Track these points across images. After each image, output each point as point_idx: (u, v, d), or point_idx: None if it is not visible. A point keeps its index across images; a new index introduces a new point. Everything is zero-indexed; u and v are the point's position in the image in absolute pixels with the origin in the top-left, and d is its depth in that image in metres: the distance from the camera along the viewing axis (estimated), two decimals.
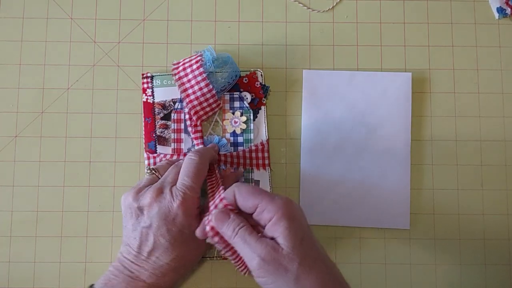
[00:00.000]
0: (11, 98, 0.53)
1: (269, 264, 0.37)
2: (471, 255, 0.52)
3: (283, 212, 0.38)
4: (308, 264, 0.37)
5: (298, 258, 0.37)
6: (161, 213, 0.43)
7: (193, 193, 0.43)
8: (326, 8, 0.55)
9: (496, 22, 0.55)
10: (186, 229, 0.43)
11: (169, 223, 0.43)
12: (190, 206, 0.43)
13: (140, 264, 0.43)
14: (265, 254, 0.37)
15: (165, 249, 0.43)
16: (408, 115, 0.53)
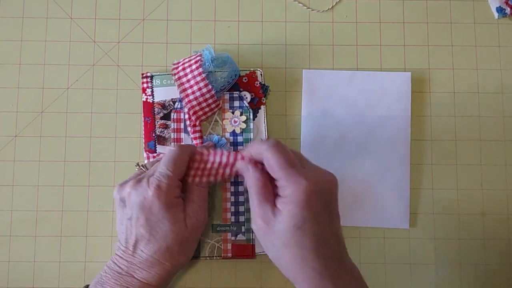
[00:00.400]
0: (11, 98, 0.53)
1: (259, 228, 0.40)
2: (471, 255, 0.52)
3: (296, 199, 0.38)
4: (293, 249, 0.38)
5: (285, 240, 0.38)
6: (138, 202, 0.42)
7: (168, 181, 0.42)
8: (325, 7, 0.55)
9: (496, 21, 0.55)
10: (166, 220, 0.42)
11: (147, 212, 0.42)
12: (166, 194, 0.42)
13: (127, 258, 0.43)
14: (259, 221, 0.39)
15: (147, 240, 0.42)
16: (407, 114, 0.53)
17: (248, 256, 0.51)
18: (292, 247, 0.38)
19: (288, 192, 0.38)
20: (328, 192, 0.39)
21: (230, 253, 0.50)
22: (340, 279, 0.38)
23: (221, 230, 0.51)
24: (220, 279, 0.51)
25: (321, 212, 0.38)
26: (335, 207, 0.40)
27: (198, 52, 0.51)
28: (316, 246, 0.38)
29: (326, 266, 0.38)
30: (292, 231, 0.38)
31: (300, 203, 0.37)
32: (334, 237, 0.39)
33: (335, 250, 0.39)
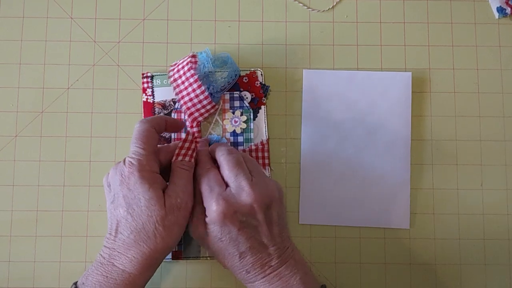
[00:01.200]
0: (11, 97, 0.53)
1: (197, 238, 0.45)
2: (471, 255, 0.52)
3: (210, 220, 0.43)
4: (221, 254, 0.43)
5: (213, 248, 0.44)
6: (117, 181, 0.42)
7: (140, 156, 0.43)
8: (326, 7, 0.55)
9: (496, 21, 0.55)
10: (141, 196, 0.41)
11: (124, 189, 0.42)
12: (140, 169, 0.42)
13: (109, 245, 0.42)
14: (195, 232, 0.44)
15: (125, 221, 0.42)
16: (408, 114, 0.53)
17: None
18: (220, 253, 0.44)
19: (207, 213, 0.43)
20: (246, 212, 0.43)
21: None
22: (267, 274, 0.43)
23: None
24: (220, 279, 0.51)
25: (240, 228, 0.42)
26: (261, 220, 0.43)
27: (194, 53, 0.51)
28: (239, 252, 0.43)
29: (252, 267, 0.43)
30: (216, 242, 0.43)
31: (216, 223, 0.42)
32: (261, 245, 0.43)
33: (263, 255, 0.43)
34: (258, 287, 0.43)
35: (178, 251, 0.50)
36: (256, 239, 0.43)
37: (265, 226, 0.43)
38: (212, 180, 0.44)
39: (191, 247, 0.51)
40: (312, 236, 0.52)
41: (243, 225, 0.43)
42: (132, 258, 0.41)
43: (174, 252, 0.50)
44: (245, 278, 0.44)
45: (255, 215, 0.43)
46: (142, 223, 0.41)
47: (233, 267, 0.44)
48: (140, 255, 0.41)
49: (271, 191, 0.44)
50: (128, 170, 0.42)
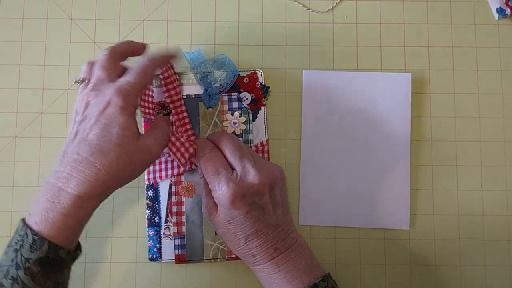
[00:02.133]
0: (11, 98, 0.53)
1: (206, 215, 0.46)
2: (471, 255, 0.52)
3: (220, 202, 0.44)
4: (228, 236, 0.44)
5: (221, 229, 0.45)
6: (94, 103, 0.41)
7: (131, 88, 0.42)
8: (325, 8, 0.55)
9: (496, 22, 0.55)
10: (116, 124, 0.40)
11: (100, 114, 0.40)
12: (125, 99, 0.41)
13: (62, 168, 0.40)
14: (205, 210, 0.46)
15: (88, 143, 0.40)
16: (407, 115, 0.53)
17: None
18: (227, 235, 0.44)
19: (216, 196, 0.44)
20: (255, 192, 0.43)
21: (234, 254, 0.50)
22: (273, 258, 0.44)
23: None
24: (221, 280, 0.51)
25: (248, 210, 0.43)
26: (268, 202, 0.44)
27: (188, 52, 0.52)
28: (246, 235, 0.43)
29: (258, 250, 0.44)
30: (224, 224, 0.44)
31: (225, 205, 0.43)
32: (269, 228, 0.44)
33: (270, 237, 0.44)
34: (265, 270, 0.44)
35: (181, 255, 0.50)
36: (263, 222, 0.43)
37: (270, 207, 0.44)
38: (218, 162, 0.45)
39: (194, 250, 0.51)
40: (312, 237, 0.52)
41: (251, 207, 0.43)
42: (85, 180, 0.39)
43: (177, 255, 0.50)
44: (251, 262, 0.44)
45: (262, 196, 0.44)
46: (108, 149, 0.39)
47: (239, 250, 0.44)
48: (95, 178, 0.39)
49: (274, 171, 0.45)
50: (111, 97, 0.41)
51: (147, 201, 0.51)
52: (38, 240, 0.38)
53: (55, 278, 0.39)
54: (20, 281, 0.38)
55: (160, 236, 0.51)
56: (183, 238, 0.51)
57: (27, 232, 0.38)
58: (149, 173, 0.51)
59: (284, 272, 0.43)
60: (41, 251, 0.38)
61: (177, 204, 0.51)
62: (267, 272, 0.44)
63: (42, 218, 0.39)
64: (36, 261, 0.38)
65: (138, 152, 0.41)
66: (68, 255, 0.40)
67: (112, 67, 0.44)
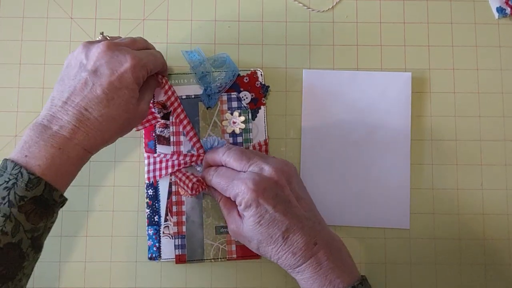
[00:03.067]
0: (11, 98, 0.53)
1: (236, 235, 0.46)
2: (471, 255, 0.52)
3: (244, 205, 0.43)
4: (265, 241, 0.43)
5: (256, 236, 0.43)
6: (109, 62, 0.42)
7: (146, 62, 0.44)
8: (326, 8, 0.55)
9: (496, 22, 0.55)
10: (127, 91, 0.42)
11: (114, 75, 0.41)
12: (140, 69, 0.43)
13: (62, 115, 0.40)
14: (233, 228, 0.45)
15: (98, 102, 0.41)
16: (408, 114, 0.53)
17: (253, 256, 0.51)
18: (263, 240, 0.43)
19: (239, 200, 0.43)
20: (275, 185, 0.43)
21: (235, 254, 0.50)
22: (314, 254, 0.42)
23: (224, 232, 0.51)
24: (221, 280, 0.51)
25: (274, 204, 0.42)
26: (291, 194, 0.44)
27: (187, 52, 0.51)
28: (281, 232, 0.42)
29: (297, 246, 0.42)
30: (255, 227, 0.43)
31: (250, 205, 0.42)
32: (299, 220, 0.43)
33: (305, 230, 0.43)
34: (307, 270, 0.42)
35: (182, 255, 0.50)
36: (292, 214, 0.43)
37: (294, 199, 0.44)
38: (227, 173, 0.45)
39: (195, 250, 0.50)
40: None
41: (277, 201, 0.42)
42: (91, 138, 0.41)
43: (178, 255, 0.50)
44: (293, 263, 0.43)
45: (282, 188, 0.43)
46: (116, 114, 0.42)
47: (280, 253, 0.43)
48: (100, 138, 0.42)
49: (286, 165, 0.45)
50: (130, 64, 0.42)
51: (147, 200, 0.51)
52: (35, 179, 0.38)
53: (46, 220, 0.40)
54: (13, 218, 0.38)
55: (160, 235, 0.51)
56: (184, 238, 0.51)
57: (22, 172, 0.38)
58: (149, 172, 0.51)
59: (326, 270, 0.42)
60: (37, 190, 0.38)
61: (177, 203, 0.51)
62: (310, 271, 0.42)
63: (47, 162, 0.39)
64: (31, 199, 0.38)
65: (137, 118, 0.45)
66: (60, 198, 0.40)
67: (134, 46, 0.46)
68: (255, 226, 0.43)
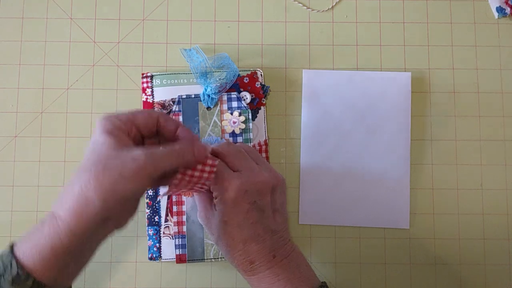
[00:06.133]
0: (11, 98, 0.53)
1: (204, 223, 0.46)
2: (471, 254, 0.52)
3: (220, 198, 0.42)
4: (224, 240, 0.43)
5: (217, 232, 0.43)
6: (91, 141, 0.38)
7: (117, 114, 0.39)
8: (325, 8, 0.55)
9: (496, 21, 0.55)
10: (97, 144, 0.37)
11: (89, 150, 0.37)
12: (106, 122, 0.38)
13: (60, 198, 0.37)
14: (202, 216, 0.45)
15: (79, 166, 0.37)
16: (407, 114, 0.53)
17: None
18: (223, 239, 0.43)
19: (216, 194, 0.43)
20: (256, 191, 0.43)
21: None
22: (272, 266, 0.42)
23: None
24: (220, 280, 0.51)
25: (248, 210, 0.42)
26: (268, 205, 0.43)
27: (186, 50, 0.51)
28: (244, 238, 0.42)
29: (257, 256, 0.42)
30: (221, 224, 0.43)
31: (226, 202, 0.42)
32: (267, 233, 0.43)
33: (268, 244, 0.42)
34: (264, 280, 0.42)
35: (182, 255, 0.50)
36: (262, 224, 0.42)
37: (270, 211, 0.43)
38: (220, 166, 0.43)
39: (195, 250, 0.50)
40: (312, 236, 0.52)
41: (251, 207, 0.42)
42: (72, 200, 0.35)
43: (178, 255, 0.50)
44: (249, 270, 0.43)
45: (263, 196, 0.43)
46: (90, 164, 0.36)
47: (236, 256, 0.43)
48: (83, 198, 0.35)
49: (278, 176, 0.45)
50: (96, 124, 0.38)
51: (147, 200, 0.51)
52: (23, 276, 0.35)
53: None
54: None
55: (160, 236, 0.51)
56: (184, 237, 0.51)
57: (12, 263, 0.35)
58: None
59: (284, 281, 0.42)
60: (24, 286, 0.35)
61: (177, 203, 0.51)
62: (267, 282, 0.42)
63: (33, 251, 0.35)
64: None
65: (115, 160, 0.36)
66: None
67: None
68: (221, 223, 0.42)
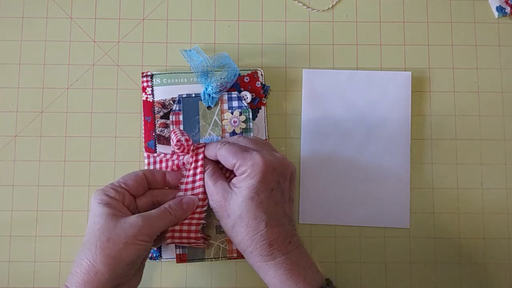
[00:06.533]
0: (11, 98, 0.53)
1: (217, 206, 0.44)
2: (471, 254, 0.52)
3: (249, 173, 0.42)
4: (246, 220, 0.42)
5: (239, 212, 0.42)
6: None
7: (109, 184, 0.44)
8: (325, 7, 0.55)
9: (496, 21, 0.55)
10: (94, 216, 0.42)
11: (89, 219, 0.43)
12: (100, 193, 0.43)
13: None
14: (216, 196, 0.44)
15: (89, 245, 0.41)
16: (407, 114, 0.53)
17: None
18: (245, 218, 0.42)
19: (244, 169, 0.42)
20: (281, 172, 0.43)
21: (235, 253, 0.50)
22: (289, 251, 0.42)
23: None
24: (221, 279, 0.51)
25: (273, 188, 0.42)
26: (287, 190, 0.44)
27: (186, 51, 0.51)
28: (266, 218, 0.42)
29: (276, 238, 0.42)
30: (246, 202, 0.42)
31: (255, 176, 0.42)
32: (285, 217, 0.43)
33: (286, 228, 0.43)
34: (279, 266, 0.42)
35: (183, 254, 0.50)
36: (282, 208, 0.43)
37: (287, 197, 0.44)
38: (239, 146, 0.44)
39: (195, 250, 0.50)
40: (312, 235, 0.52)
41: (276, 186, 0.42)
42: (74, 272, 0.41)
43: (178, 255, 0.50)
44: (266, 254, 0.42)
45: (285, 179, 0.44)
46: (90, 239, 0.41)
47: (255, 238, 0.42)
48: (93, 272, 0.40)
49: (293, 165, 0.45)
50: (92, 196, 0.43)
51: None
52: None
53: None
54: None
55: None
56: None
57: None
58: None
59: (300, 269, 0.42)
60: None
61: None
62: (283, 269, 0.42)
63: None
64: None
65: (117, 231, 0.41)
66: None
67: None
68: (246, 200, 0.42)
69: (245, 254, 0.44)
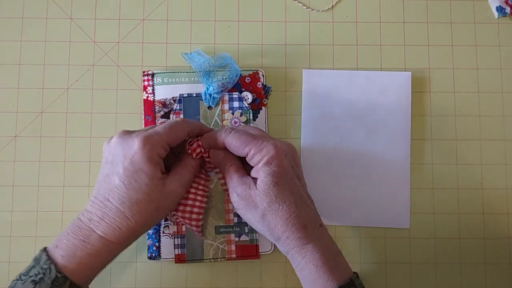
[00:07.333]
0: (11, 98, 0.53)
1: (243, 199, 0.43)
2: (471, 254, 0.52)
3: (267, 160, 0.42)
4: (276, 205, 0.42)
5: (267, 198, 0.42)
6: (121, 149, 0.42)
7: (158, 138, 0.42)
8: (325, 7, 0.55)
9: (496, 21, 0.55)
10: (143, 172, 0.41)
11: (127, 161, 0.41)
12: (151, 147, 0.41)
13: (93, 210, 0.42)
14: (241, 191, 0.43)
15: (118, 190, 0.41)
16: (407, 114, 0.53)
17: (252, 256, 0.50)
18: (275, 203, 0.42)
19: (259, 158, 0.43)
20: (291, 157, 0.44)
21: (234, 254, 0.50)
22: (321, 234, 0.43)
23: (224, 232, 0.51)
24: (221, 279, 0.51)
25: (291, 173, 0.43)
26: (302, 174, 0.46)
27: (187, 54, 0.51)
28: (295, 200, 0.42)
29: (309, 220, 0.43)
30: (272, 187, 0.42)
31: (273, 162, 0.42)
32: (308, 199, 0.44)
33: (313, 211, 0.44)
34: (315, 250, 0.42)
35: (181, 255, 0.50)
36: (304, 191, 0.44)
37: (303, 181, 0.45)
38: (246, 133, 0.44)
39: (194, 250, 0.50)
40: None
41: (293, 170, 0.43)
42: (116, 228, 0.41)
43: (177, 255, 0.50)
44: (303, 237, 0.42)
45: (297, 165, 0.45)
46: (136, 199, 0.41)
47: (289, 222, 0.42)
48: (125, 227, 0.41)
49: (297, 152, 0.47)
50: (137, 143, 0.41)
51: None
52: (61, 278, 0.39)
53: None
54: None
55: (159, 235, 0.51)
56: (183, 237, 0.51)
57: (51, 267, 0.40)
58: None
59: (333, 254, 0.42)
60: None
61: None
62: (320, 252, 0.41)
63: (70, 253, 0.40)
64: None
65: (164, 199, 0.43)
66: None
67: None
68: (271, 186, 0.42)
69: (279, 242, 0.43)
